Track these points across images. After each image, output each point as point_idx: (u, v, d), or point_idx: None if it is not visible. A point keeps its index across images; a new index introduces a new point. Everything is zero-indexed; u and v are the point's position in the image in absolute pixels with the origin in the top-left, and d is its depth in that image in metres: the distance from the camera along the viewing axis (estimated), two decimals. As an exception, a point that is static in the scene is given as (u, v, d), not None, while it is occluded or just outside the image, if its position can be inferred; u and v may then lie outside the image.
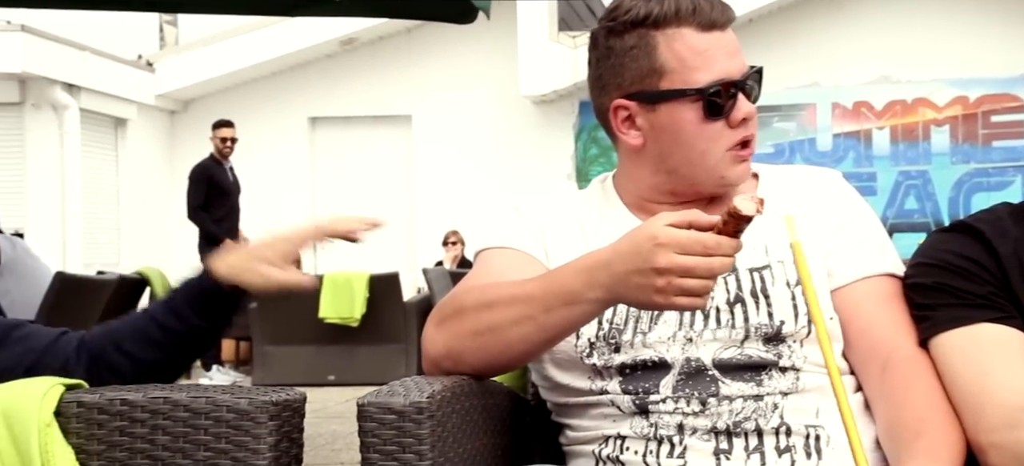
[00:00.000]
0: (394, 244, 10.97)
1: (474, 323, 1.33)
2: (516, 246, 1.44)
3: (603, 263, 1.25)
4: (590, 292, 1.26)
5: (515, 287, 1.33)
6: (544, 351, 1.38)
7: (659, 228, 1.20)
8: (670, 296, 1.20)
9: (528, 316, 1.30)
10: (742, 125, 1.38)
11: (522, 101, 10.84)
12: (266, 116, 10.75)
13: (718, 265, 1.19)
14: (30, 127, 9.43)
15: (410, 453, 1.22)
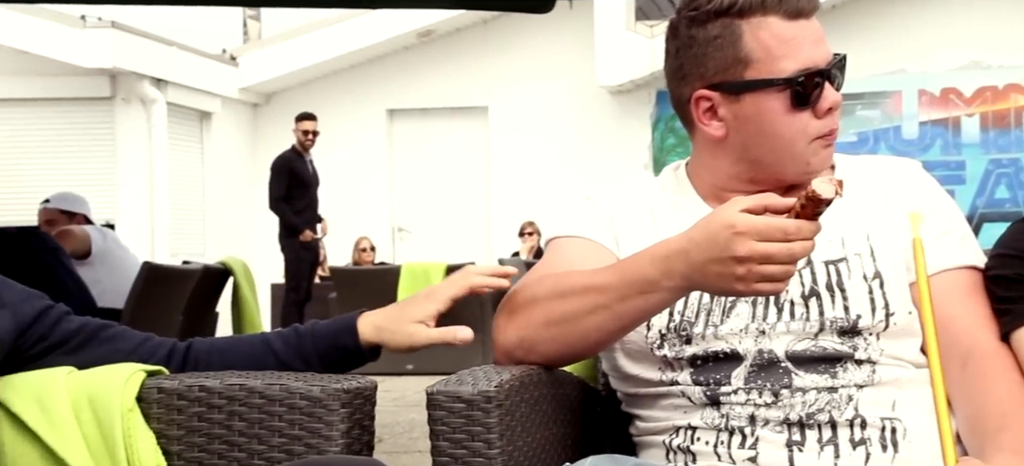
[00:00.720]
0: (470, 235, 11.04)
1: (547, 313, 1.33)
2: (587, 235, 1.44)
3: (679, 251, 1.24)
4: (667, 281, 1.26)
5: (589, 276, 1.33)
6: (618, 339, 1.38)
7: (736, 216, 1.19)
8: (751, 283, 1.20)
9: (603, 305, 1.30)
10: (828, 115, 1.37)
11: (599, 91, 10.80)
12: (345, 108, 10.90)
13: (799, 249, 1.18)
14: (120, 121, 9.70)
15: (479, 442, 1.23)
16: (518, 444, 1.29)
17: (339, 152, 10.41)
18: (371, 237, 10.29)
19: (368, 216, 10.88)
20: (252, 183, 10.78)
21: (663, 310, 1.33)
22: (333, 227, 9.20)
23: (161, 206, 9.67)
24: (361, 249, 10.00)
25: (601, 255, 1.40)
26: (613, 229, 1.44)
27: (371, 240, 10.18)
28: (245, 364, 1.34)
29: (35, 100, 9.58)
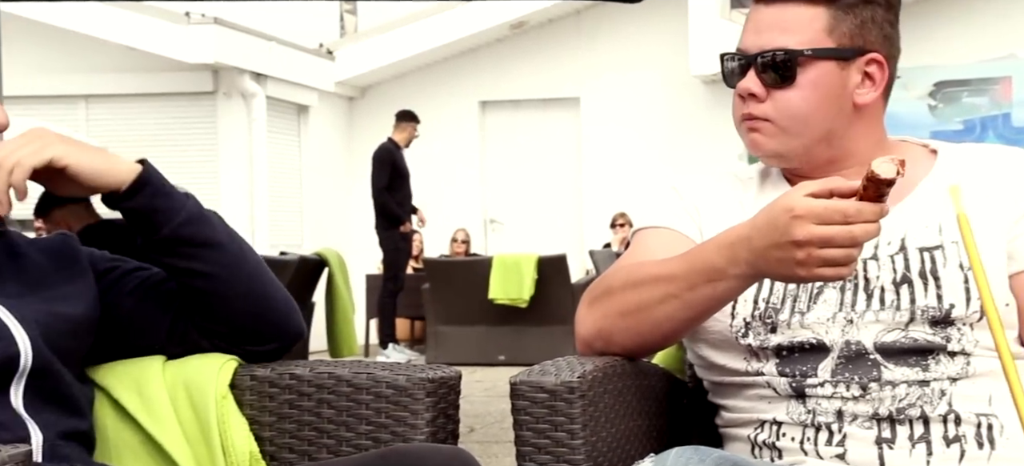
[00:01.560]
0: (562, 226, 11.04)
1: (621, 303, 1.34)
2: (671, 226, 1.43)
3: (743, 238, 1.24)
4: (732, 268, 1.25)
5: (659, 266, 1.33)
6: (692, 328, 1.38)
7: (796, 199, 1.19)
8: (812, 268, 1.18)
9: (672, 294, 1.30)
10: (742, 100, 1.39)
11: (692, 81, 10.68)
12: (438, 101, 11.00)
13: (860, 232, 1.17)
14: (222, 115, 9.97)
15: (562, 432, 1.24)
16: (601, 435, 1.29)
17: (432, 144, 10.51)
18: (465, 228, 10.38)
19: (460, 208, 10.97)
20: (348, 175, 10.97)
21: (734, 298, 1.32)
22: (427, 218, 9.31)
23: (261, 198, 9.90)
24: (454, 240, 10.09)
25: (685, 246, 1.39)
26: (698, 219, 1.44)
27: (467, 232, 10.27)
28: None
29: (141, 95, 9.90)
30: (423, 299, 8.33)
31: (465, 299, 8.00)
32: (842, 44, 1.36)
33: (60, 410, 1.22)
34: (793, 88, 1.36)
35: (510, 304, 7.92)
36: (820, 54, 1.35)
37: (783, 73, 1.36)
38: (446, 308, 8.11)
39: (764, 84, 1.37)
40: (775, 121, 1.37)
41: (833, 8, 1.36)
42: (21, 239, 1.32)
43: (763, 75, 1.37)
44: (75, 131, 9.21)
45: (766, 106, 1.38)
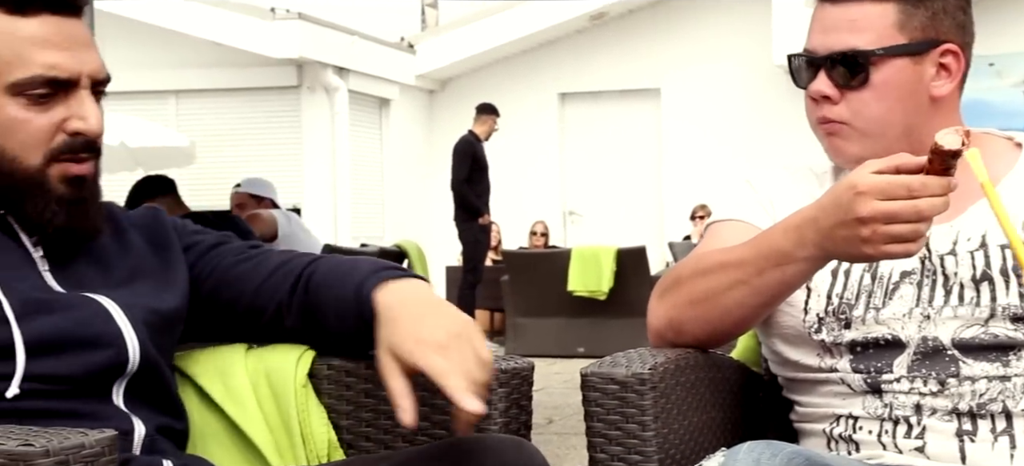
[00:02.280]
0: (642, 218, 10.98)
1: (690, 292, 1.33)
2: (744, 218, 1.42)
3: (810, 219, 1.22)
4: (800, 250, 1.24)
5: (727, 253, 1.32)
6: (763, 314, 1.36)
7: (860, 176, 1.17)
8: (879, 245, 1.16)
9: (741, 280, 1.29)
10: (814, 102, 1.35)
11: (775, 70, 10.52)
12: (517, 93, 11.03)
13: (925, 206, 1.14)
14: (305, 109, 10.15)
15: (633, 424, 1.24)
16: (673, 427, 1.29)
17: (511, 136, 10.55)
18: (544, 221, 10.39)
19: (539, 200, 10.99)
20: (428, 168, 11.07)
21: (803, 282, 1.30)
22: (505, 211, 9.35)
23: (343, 191, 10.06)
24: (533, 232, 10.12)
25: None
26: (772, 212, 1.42)
27: (546, 224, 10.29)
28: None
29: (228, 90, 10.14)
30: (502, 291, 8.37)
31: (544, 291, 8.01)
32: (914, 38, 1.33)
33: (158, 405, 1.24)
34: (867, 89, 1.33)
35: (589, 296, 7.91)
36: (892, 52, 1.33)
37: (855, 74, 1.33)
38: (525, 300, 8.13)
39: (837, 85, 1.34)
40: (852, 124, 1.35)
41: (902, 3, 1.33)
42: (118, 211, 1.32)
43: (835, 77, 1.34)
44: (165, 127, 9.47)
45: (840, 108, 1.35)
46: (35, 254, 1.21)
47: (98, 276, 1.25)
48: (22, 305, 1.14)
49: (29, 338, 1.13)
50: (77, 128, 1.19)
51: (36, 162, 1.18)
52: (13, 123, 1.17)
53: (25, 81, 1.16)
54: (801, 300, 1.34)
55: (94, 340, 1.17)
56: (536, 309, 8.09)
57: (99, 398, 1.18)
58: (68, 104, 1.19)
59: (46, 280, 1.21)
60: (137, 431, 1.20)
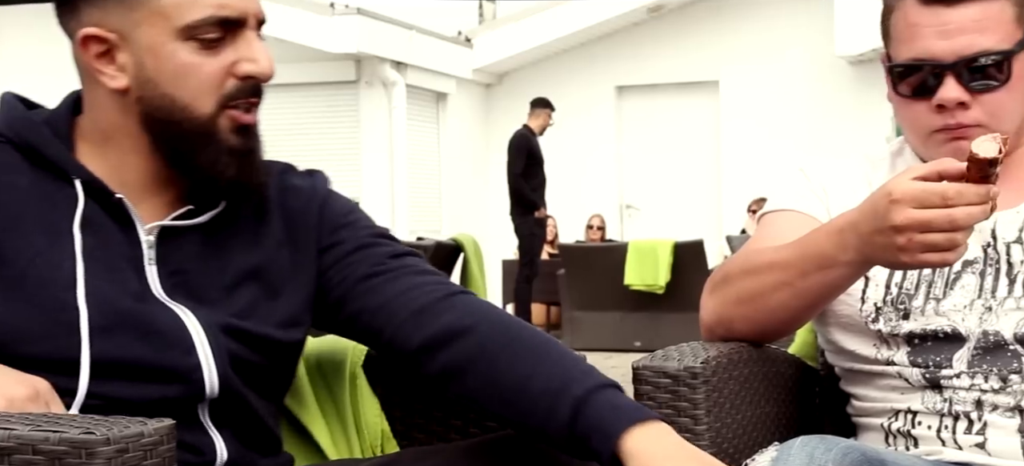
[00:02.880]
0: (699, 212, 10.90)
1: (738, 290, 1.33)
2: (798, 208, 1.41)
3: (851, 224, 1.21)
4: (842, 255, 1.22)
5: (774, 252, 1.31)
6: (810, 316, 1.35)
7: (896, 183, 1.16)
8: (916, 254, 1.15)
9: (785, 282, 1.28)
10: (943, 111, 1.31)
11: (837, 62, 10.37)
12: (574, 86, 11.01)
13: (961, 215, 1.12)
14: (363, 103, 10.23)
15: (686, 417, 1.24)
16: (726, 421, 1.28)
17: (568, 130, 10.55)
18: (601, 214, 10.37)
19: (596, 193, 10.96)
20: (485, 162, 11.10)
21: (848, 286, 1.29)
22: (561, 204, 9.34)
23: (401, 184, 10.13)
24: (590, 226, 10.10)
25: (812, 228, 1.37)
26: (826, 201, 1.40)
27: (602, 217, 10.26)
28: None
29: (289, 85, 10.26)
30: (558, 285, 8.37)
31: (600, 285, 7.99)
32: None
33: (245, 426, 1.17)
34: (1003, 89, 1.30)
35: (646, 290, 7.87)
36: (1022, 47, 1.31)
37: (994, 76, 1.30)
38: (581, 294, 8.13)
39: (969, 90, 1.30)
40: (986, 125, 1.31)
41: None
42: (274, 198, 1.19)
43: (967, 81, 1.30)
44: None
45: (975, 112, 1.31)
46: (145, 246, 1.13)
47: (205, 278, 1.15)
48: (101, 317, 1.07)
49: (97, 356, 1.06)
50: (248, 71, 1.12)
51: (208, 110, 1.11)
52: (185, 68, 1.10)
53: (198, 23, 1.09)
54: (859, 288, 1.33)
55: (168, 372, 1.09)
56: (592, 303, 8.07)
57: (185, 420, 1.08)
58: (236, 46, 1.11)
59: (147, 277, 1.12)
60: (219, 453, 1.13)
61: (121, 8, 1.09)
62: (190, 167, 1.13)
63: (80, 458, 0.90)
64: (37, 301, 1.06)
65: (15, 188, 1.09)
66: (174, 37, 1.10)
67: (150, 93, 1.10)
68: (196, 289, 1.14)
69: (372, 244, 1.23)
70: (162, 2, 1.09)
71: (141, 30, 1.09)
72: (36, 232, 1.08)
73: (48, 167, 1.11)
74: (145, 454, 0.93)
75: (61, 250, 1.08)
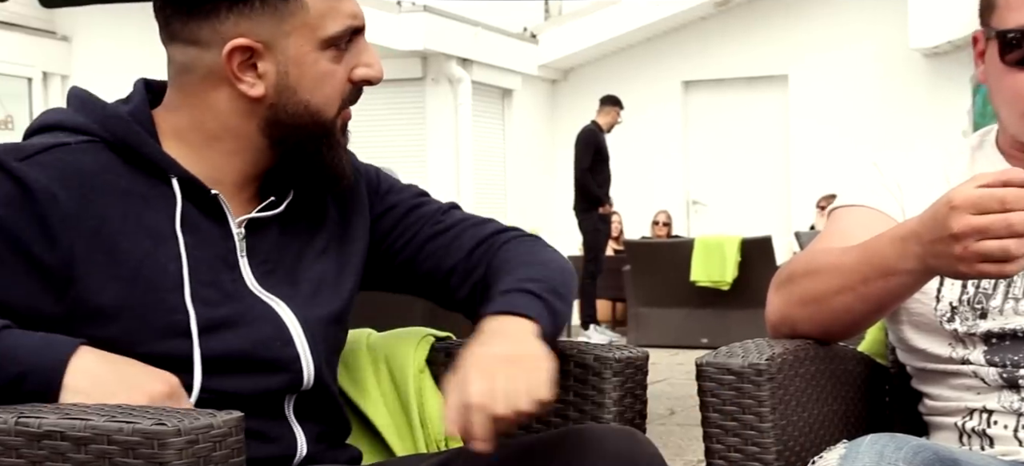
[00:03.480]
0: (767, 208, 10.76)
1: (801, 291, 1.31)
2: (870, 204, 1.38)
3: (914, 233, 1.17)
4: (905, 263, 1.19)
5: (837, 255, 1.29)
6: (875, 320, 1.33)
7: (958, 189, 1.12)
8: (973, 264, 1.10)
9: (848, 286, 1.25)
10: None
11: (911, 54, 10.16)
12: (640, 82, 10.94)
13: (1019, 221, 1.07)
14: (429, 100, 10.29)
15: (750, 414, 1.22)
16: (792, 418, 1.26)
17: (634, 126, 10.49)
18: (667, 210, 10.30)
19: (662, 189, 10.88)
20: (550, 158, 11.09)
21: (910, 294, 1.26)
22: (627, 201, 9.29)
23: (466, 181, 10.17)
24: (656, 222, 10.03)
25: (883, 224, 1.33)
26: (899, 196, 1.37)
27: (668, 213, 10.19)
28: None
29: (355, 83, 10.37)
30: (624, 281, 8.33)
31: (666, 281, 7.94)
32: None
33: (324, 420, 1.24)
34: None
35: (712, 286, 7.80)
36: None
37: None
38: (647, 290, 8.08)
39: None
40: None
41: None
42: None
43: None
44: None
45: None
46: (237, 239, 1.18)
47: (289, 265, 1.21)
48: (208, 319, 1.12)
49: (207, 354, 1.12)
50: (365, 75, 1.19)
51: (332, 114, 1.18)
52: (323, 77, 1.16)
53: (338, 33, 1.16)
54: (933, 287, 1.30)
55: (272, 363, 1.16)
56: (658, 299, 8.02)
57: (270, 413, 1.17)
58: (354, 53, 1.19)
59: (241, 271, 1.17)
60: (300, 448, 1.19)
61: (273, 19, 1.14)
62: (315, 165, 1.19)
63: (152, 448, 0.93)
64: (149, 304, 1.11)
65: (116, 189, 1.12)
66: (317, 47, 1.16)
67: (287, 99, 1.16)
68: (283, 278, 1.20)
69: (422, 203, 1.33)
70: (310, 14, 1.14)
71: (289, 40, 1.14)
72: (141, 233, 1.12)
73: (144, 166, 1.14)
74: (215, 445, 0.95)
75: (166, 252, 1.12)
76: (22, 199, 1.06)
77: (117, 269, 1.10)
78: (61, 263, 1.07)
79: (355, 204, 1.28)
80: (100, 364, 1.05)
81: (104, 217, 1.10)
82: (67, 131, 1.14)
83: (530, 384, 1.08)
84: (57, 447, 0.95)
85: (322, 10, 1.15)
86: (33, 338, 1.05)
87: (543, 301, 1.19)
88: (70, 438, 0.95)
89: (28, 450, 0.96)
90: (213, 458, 0.95)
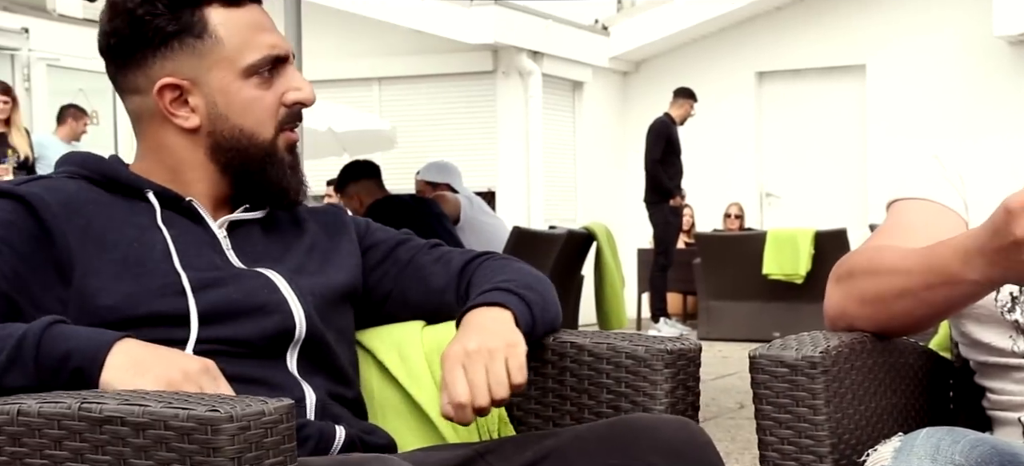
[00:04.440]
0: (843, 201, 10.55)
1: (861, 289, 1.28)
2: (931, 197, 1.35)
3: (976, 243, 1.15)
4: (969, 273, 1.16)
5: (900, 257, 1.26)
6: (936, 323, 1.30)
7: (1014, 195, 1.09)
8: None
9: (909, 290, 1.23)
10: None
11: (995, 42, 9.87)
12: (714, 73, 10.81)
13: None
14: (500, 93, 10.31)
15: (804, 407, 1.21)
16: (847, 412, 1.25)
17: (707, 117, 10.37)
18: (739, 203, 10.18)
19: (735, 181, 10.75)
20: (621, 150, 11.04)
21: (976, 301, 1.23)
22: (700, 193, 9.20)
23: (536, 174, 10.17)
24: (728, 215, 9.92)
25: (945, 219, 1.31)
26: (962, 190, 1.34)
27: (740, 205, 10.07)
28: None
29: (428, 76, 10.44)
30: (693, 273, 8.27)
31: (737, 274, 7.85)
32: None
33: (328, 374, 1.32)
34: None
35: (785, 280, 7.70)
36: None
37: None
38: (718, 283, 8.00)
39: None
40: None
41: None
42: (303, 210, 1.43)
43: None
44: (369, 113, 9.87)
45: None
46: (219, 234, 1.32)
47: (274, 253, 1.35)
48: (199, 279, 1.25)
49: (203, 308, 1.24)
50: (295, 98, 1.33)
51: (269, 135, 1.32)
52: (250, 102, 1.31)
53: (257, 63, 1.30)
54: None
55: (261, 308, 1.27)
56: (729, 292, 7.94)
57: (274, 364, 1.27)
58: (284, 78, 1.33)
59: (228, 256, 1.31)
60: (309, 398, 1.28)
61: (193, 57, 1.29)
62: (259, 183, 1.33)
63: (206, 434, 0.96)
64: (142, 273, 1.25)
65: (99, 202, 1.28)
66: (239, 76, 1.30)
67: (221, 127, 1.31)
68: (267, 262, 1.33)
69: (410, 238, 1.46)
70: (226, 49, 1.29)
71: (211, 74, 1.29)
72: (126, 227, 1.27)
73: (123, 190, 1.30)
74: (266, 431, 0.98)
75: (152, 237, 1.28)
76: (24, 209, 1.24)
77: (109, 254, 1.24)
78: (62, 252, 1.22)
79: (341, 229, 1.42)
80: (141, 348, 1.13)
81: (90, 219, 1.25)
82: (50, 176, 1.32)
83: (504, 374, 1.21)
84: (117, 431, 0.99)
85: (238, 44, 1.29)
86: (82, 329, 1.16)
87: (516, 295, 1.31)
88: (129, 423, 0.98)
89: (90, 434, 0.99)
90: (264, 444, 0.97)
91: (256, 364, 1.25)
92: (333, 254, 1.39)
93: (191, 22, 1.28)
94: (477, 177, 9.33)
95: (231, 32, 1.29)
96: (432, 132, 10.19)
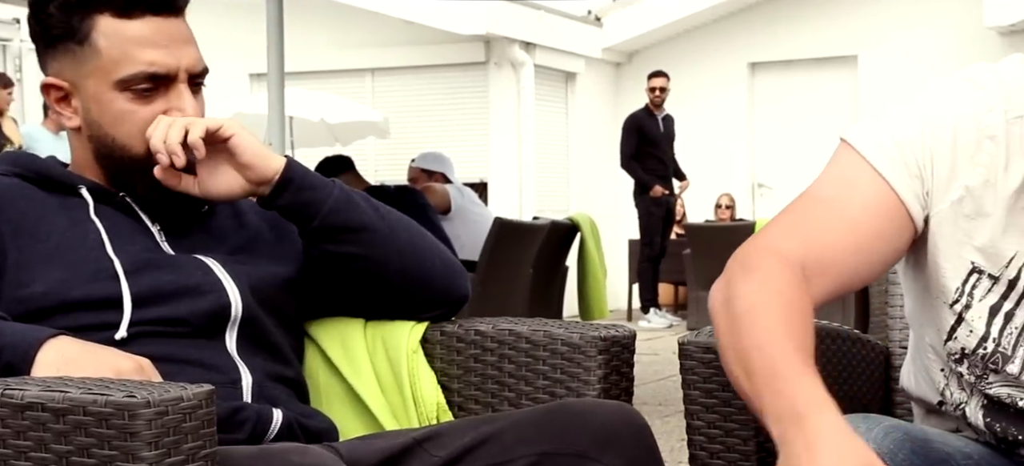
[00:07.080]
0: (836, 191, 10.55)
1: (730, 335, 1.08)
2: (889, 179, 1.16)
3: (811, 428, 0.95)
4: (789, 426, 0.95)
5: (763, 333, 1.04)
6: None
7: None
8: None
9: (736, 375, 1.05)
10: None
11: (987, 34, 9.87)
12: (706, 64, 10.82)
13: None
14: (492, 84, 10.31)
15: (729, 392, 1.22)
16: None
17: (699, 108, 10.39)
18: (730, 193, 10.19)
19: (726, 172, 10.76)
20: (613, 141, 11.00)
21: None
22: (692, 183, 9.20)
23: (528, 165, 10.17)
24: (718, 205, 9.93)
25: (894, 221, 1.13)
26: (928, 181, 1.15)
27: (731, 196, 10.08)
28: None
29: (420, 67, 10.43)
30: (684, 264, 8.28)
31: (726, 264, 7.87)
32: None
33: (268, 356, 1.34)
34: None
35: (775, 271, 7.70)
36: None
37: None
38: (707, 274, 8.01)
39: None
40: None
41: None
42: (247, 205, 1.44)
43: None
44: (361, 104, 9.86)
45: None
46: (152, 228, 1.34)
47: (210, 245, 1.37)
48: (132, 264, 1.27)
49: (136, 291, 1.26)
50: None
51: (141, 150, 1.31)
52: (121, 115, 1.31)
53: (130, 77, 1.30)
54: (949, 324, 1.16)
55: (195, 288, 1.29)
56: (719, 283, 7.96)
57: (211, 344, 1.29)
58: (168, 97, 1.32)
59: (163, 248, 1.33)
60: (246, 379, 1.29)
61: (74, 62, 1.31)
62: (134, 196, 1.34)
63: (123, 419, 0.97)
64: (75, 259, 1.26)
65: (32, 199, 1.30)
66: (112, 88, 1.31)
67: (97, 133, 1.33)
68: (203, 249, 1.35)
69: None
70: (102, 59, 1.30)
71: (88, 81, 1.31)
72: (58, 218, 1.30)
73: (57, 187, 1.32)
74: (185, 416, 0.99)
75: (84, 228, 1.30)
76: None
77: (42, 243, 1.26)
78: None
79: (287, 224, 1.41)
80: (73, 345, 1.14)
81: (23, 213, 1.28)
82: None
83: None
84: (38, 417, 1.00)
85: (115, 57, 1.29)
86: (16, 325, 1.16)
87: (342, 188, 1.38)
88: (50, 409, 0.99)
89: (12, 420, 1.01)
90: (183, 429, 0.98)
91: (192, 345, 1.27)
92: (276, 247, 1.41)
93: (77, 28, 1.30)
94: (470, 168, 9.35)
95: (112, 44, 1.29)
96: (425, 123, 10.20)
